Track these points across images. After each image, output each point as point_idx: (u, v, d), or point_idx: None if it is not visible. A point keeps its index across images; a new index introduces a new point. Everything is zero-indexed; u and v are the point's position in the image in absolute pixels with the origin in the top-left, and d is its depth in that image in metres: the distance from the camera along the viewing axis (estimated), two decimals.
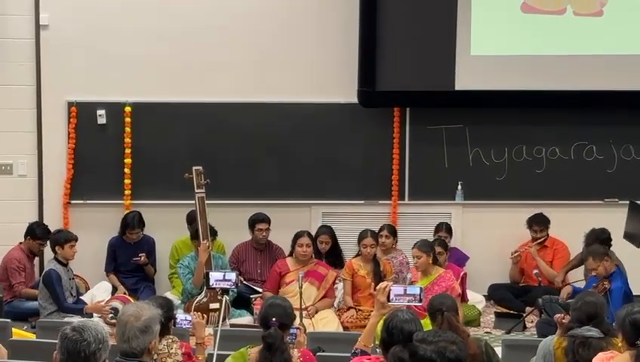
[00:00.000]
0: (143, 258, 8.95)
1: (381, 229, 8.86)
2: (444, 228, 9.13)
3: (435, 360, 3.47)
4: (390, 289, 4.75)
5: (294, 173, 9.43)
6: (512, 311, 8.81)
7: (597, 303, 5.23)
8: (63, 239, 8.18)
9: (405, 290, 4.79)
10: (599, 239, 8.38)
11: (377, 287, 4.84)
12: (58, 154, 9.33)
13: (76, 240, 8.22)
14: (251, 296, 8.61)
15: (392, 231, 8.92)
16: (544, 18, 9.21)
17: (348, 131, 9.43)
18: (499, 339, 7.07)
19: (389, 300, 4.74)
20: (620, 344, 4.58)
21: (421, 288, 4.81)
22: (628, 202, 8.43)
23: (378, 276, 8.12)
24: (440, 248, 8.27)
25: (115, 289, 8.78)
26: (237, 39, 9.33)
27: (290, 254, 8.45)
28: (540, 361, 5.25)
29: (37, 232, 8.68)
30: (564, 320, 5.65)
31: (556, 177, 9.48)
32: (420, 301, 4.79)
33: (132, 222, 9.01)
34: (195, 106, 9.33)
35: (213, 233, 8.56)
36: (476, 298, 8.81)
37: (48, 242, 8.48)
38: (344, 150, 9.45)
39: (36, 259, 9.01)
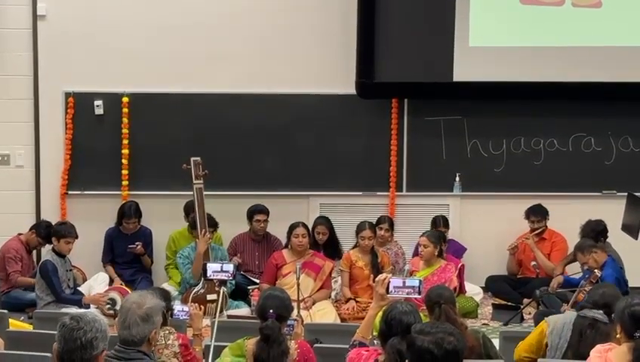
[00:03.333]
0: (139, 246, 8.93)
1: (381, 222, 8.87)
2: (442, 223, 9.11)
3: (433, 352, 3.46)
4: (389, 281, 4.74)
5: (292, 164, 9.42)
6: (509, 303, 8.80)
7: (618, 298, 5.20)
8: (61, 233, 8.16)
9: (404, 282, 4.78)
10: (595, 231, 8.39)
11: (376, 279, 4.83)
12: (55, 145, 9.31)
13: (76, 237, 8.20)
14: (249, 287, 8.60)
15: (392, 225, 8.94)
16: (543, 9, 9.18)
17: (346, 122, 9.41)
18: (496, 331, 7.06)
19: (387, 292, 4.73)
20: (618, 335, 4.57)
21: (420, 280, 4.80)
22: (626, 194, 8.43)
23: (376, 267, 8.12)
24: None
25: (112, 281, 8.79)
26: (235, 30, 9.30)
27: (286, 246, 8.45)
28: (555, 338, 5.21)
29: (42, 232, 8.62)
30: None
31: (554, 169, 9.47)
32: (419, 293, 4.78)
33: (129, 211, 8.99)
34: (192, 97, 9.30)
35: (214, 225, 8.54)
36: (474, 290, 8.79)
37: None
38: (342, 141, 9.43)
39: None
